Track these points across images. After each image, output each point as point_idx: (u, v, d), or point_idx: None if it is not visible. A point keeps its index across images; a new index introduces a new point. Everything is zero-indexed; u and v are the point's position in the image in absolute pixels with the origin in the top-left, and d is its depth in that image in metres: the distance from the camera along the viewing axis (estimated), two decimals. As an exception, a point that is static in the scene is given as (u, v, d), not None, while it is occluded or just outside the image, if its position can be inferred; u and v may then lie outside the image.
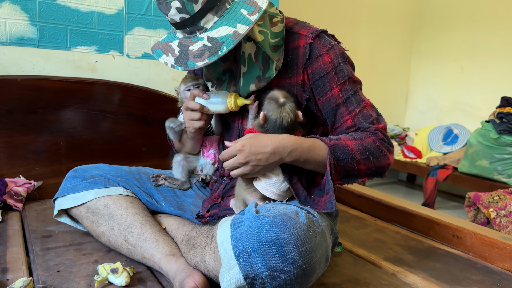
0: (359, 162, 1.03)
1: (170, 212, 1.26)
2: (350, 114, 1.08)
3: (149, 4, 1.94)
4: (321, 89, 1.09)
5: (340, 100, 1.08)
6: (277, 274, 0.83)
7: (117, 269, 1.01)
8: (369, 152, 1.04)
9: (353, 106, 1.09)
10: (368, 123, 1.08)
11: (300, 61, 1.10)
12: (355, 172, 1.05)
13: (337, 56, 1.09)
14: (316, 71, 1.08)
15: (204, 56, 0.97)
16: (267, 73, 1.09)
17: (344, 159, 1.02)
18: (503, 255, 1.29)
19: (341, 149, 1.02)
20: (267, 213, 0.90)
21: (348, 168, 1.03)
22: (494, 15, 3.42)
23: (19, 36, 1.70)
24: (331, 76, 1.08)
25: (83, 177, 1.26)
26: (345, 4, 3.51)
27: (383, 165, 1.07)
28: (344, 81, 1.09)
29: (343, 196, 1.92)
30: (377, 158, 1.05)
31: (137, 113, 1.89)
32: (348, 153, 1.02)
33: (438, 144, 3.53)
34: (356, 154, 1.03)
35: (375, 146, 1.05)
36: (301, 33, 1.11)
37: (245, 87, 1.12)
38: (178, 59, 1.01)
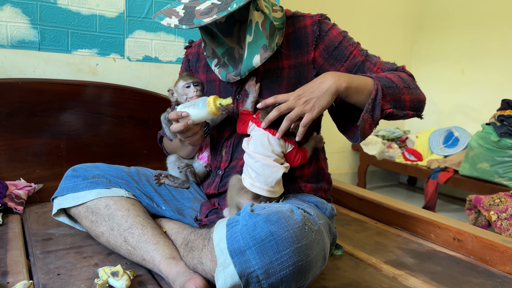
0: (402, 91, 1.10)
1: (170, 216, 1.26)
2: (376, 65, 1.17)
3: (150, 7, 1.94)
4: (342, 56, 1.15)
5: (362, 58, 1.16)
6: (272, 271, 0.83)
7: (117, 272, 1.01)
8: (407, 83, 1.12)
9: (374, 59, 1.18)
10: (392, 66, 1.18)
11: (310, 39, 1.15)
12: (401, 103, 1.10)
13: (340, 29, 1.19)
14: (329, 44, 1.15)
15: (212, 13, 0.96)
16: (272, 44, 1.10)
17: (390, 86, 1.07)
18: (504, 258, 1.29)
19: (384, 79, 1.08)
20: (261, 211, 0.90)
21: (396, 96, 1.09)
22: (495, 18, 3.42)
23: (20, 39, 1.71)
24: (345, 43, 1.16)
25: (84, 176, 1.25)
26: (345, 8, 3.52)
27: (422, 99, 1.16)
28: (357, 45, 1.18)
29: (344, 199, 1.92)
30: (415, 90, 1.14)
31: (138, 116, 1.89)
32: (391, 81, 1.08)
33: (438, 147, 3.52)
34: (398, 83, 1.09)
35: (410, 80, 1.14)
36: (306, 15, 1.18)
37: (248, 60, 1.10)
38: (183, 19, 0.99)
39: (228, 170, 1.21)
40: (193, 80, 1.24)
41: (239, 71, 1.12)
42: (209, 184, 1.26)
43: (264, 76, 1.16)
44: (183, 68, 1.41)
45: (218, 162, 1.24)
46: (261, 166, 1.03)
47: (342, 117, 1.20)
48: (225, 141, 1.23)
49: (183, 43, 2.06)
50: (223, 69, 1.18)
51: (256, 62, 1.10)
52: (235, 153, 1.21)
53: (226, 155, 1.22)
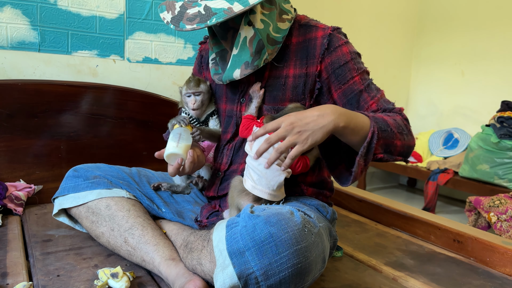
0: (395, 136, 1.04)
1: (170, 219, 1.26)
2: (373, 99, 1.12)
3: (150, 8, 1.94)
4: (342, 77, 1.11)
5: (362, 87, 1.12)
6: (271, 273, 0.83)
7: (117, 273, 1.01)
8: (401, 128, 1.07)
9: (374, 92, 1.13)
10: (390, 106, 1.13)
11: (318, 51, 1.12)
12: (392, 148, 1.05)
13: (353, 49, 1.15)
14: (336, 60, 1.11)
15: (194, 21, 0.99)
16: (256, 61, 1.09)
17: (385, 130, 1.02)
18: (504, 260, 1.29)
19: (381, 121, 1.03)
20: (261, 212, 0.90)
21: (389, 141, 1.04)
22: (495, 19, 3.42)
23: (20, 40, 1.71)
24: (351, 65, 1.12)
25: (85, 177, 1.25)
26: (345, 9, 3.52)
27: (411, 145, 1.10)
28: (363, 71, 1.14)
29: (343, 201, 1.92)
30: (406, 136, 1.08)
31: (138, 117, 1.89)
32: (387, 124, 1.03)
33: (438, 148, 3.52)
34: (393, 127, 1.04)
35: (404, 125, 1.09)
36: (319, 26, 1.15)
37: (230, 72, 1.11)
38: (174, 18, 1.03)
39: (228, 174, 1.21)
40: (195, 90, 1.23)
41: (221, 78, 1.15)
42: (209, 186, 1.26)
43: (268, 83, 1.16)
44: (196, 63, 1.42)
45: (218, 164, 1.24)
46: (264, 168, 1.03)
47: (332, 155, 1.11)
48: (227, 144, 1.23)
49: (183, 45, 2.06)
50: (214, 67, 1.21)
51: (236, 76, 1.10)
52: (235, 156, 1.21)
53: (226, 158, 1.22)
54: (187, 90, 1.24)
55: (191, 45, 2.07)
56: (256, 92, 1.14)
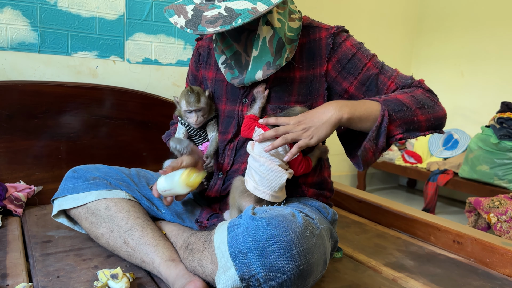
0: (415, 112, 1.03)
1: (169, 220, 1.26)
2: (390, 78, 1.11)
3: (150, 9, 1.95)
4: (355, 69, 1.11)
5: (376, 70, 1.11)
6: (273, 275, 0.83)
7: (117, 274, 1.01)
8: (422, 102, 1.05)
9: (389, 72, 1.13)
10: (408, 80, 1.11)
11: (324, 51, 1.12)
12: (415, 125, 1.04)
13: (355, 41, 1.15)
14: (342, 56, 1.12)
15: (217, 24, 0.94)
16: (278, 60, 1.09)
17: (400, 110, 1.02)
18: (504, 261, 1.29)
19: (394, 101, 1.03)
20: (263, 214, 0.90)
21: (408, 119, 1.03)
22: (494, 20, 3.43)
23: (20, 41, 1.71)
24: (359, 55, 1.12)
25: (85, 178, 1.25)
26: (344, 10, 3.53)
27: (441, 116, 1.08)
28: (373, 56, 1.14)
29: (343, 202, 1.92)
30: (432, 108, 1.06)
31: (138, 118, 1.89)
32: (402, 104, 1.03)
33: (438, 149, 3.52)
34: (410, 104, 1.03)
35: (427, 97, 1.07)
36: (322, 27, 1.15)
37: (252, 73, 1.10)
38: (189, 22, 0.98)
39: (230, 174, 1.21)
40: (195, 107, 1.18)
41: (243, 80, 1.12)
42: (211, 187, 1.26)
43: (274, 84, 1.15)
44: (193, 60, 1.36)
45: (220, 165, 1.24)
46: (266, 170, 1.03)
47: (350, 141, 1.16)
48: (228, 144, 1.22)
49: (183, 46, 2.06)
50: (229, 71, 1.17)
51: (258, 77, 1.10)
52: (237, 156, 1.21)
53: (228, 158, 1.22)
54: (188, 107, 1.18)
55: (191, 46, 2.08)
56: (261, 93, 1.13)
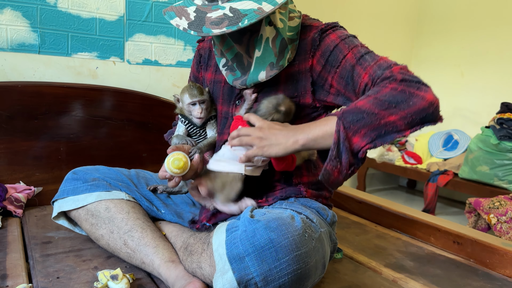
0: (380, 115, 0.91)
1: (169, 220, 1.25)
2: (366, 69, 1.00)
3: (149, 10, 1.95)
4: (335, 61, 1.05)
5: (354, 61, 1.02)
6: (271, 278, 0.83)
7: (117, 275, 1.01)
8: (389, 101, 0.91)
9: (367, 62, 1.01)
10: (383, 70, 0.98)
11: (309, 47, 1.09)
12: (387, 127, 0.91)
13: (343, 33, 1.08)
14: (325, 49, 1.06)
15: (222, 25, 0.93)
16: (281, 61, 1.08)
17: (359, 119, 0.91)
18: (504, 262, 1.29)
19: (352, 111, 0.93)
20: (262, 217, 0.89)
21: (373, 125, 0.91)
22: (494, 21, 3.43)
23: (20, 42, 1.71)
24: (341, 46, 1.05)
25: (84, 179, 1.25)
26: (344, 10, 3.53)
27: (421, 107, 0.90)
28: (355, 46, 1.05)
29: (343, 202, 1.92)
30: (405, 103, 0.91)
31: (138, 119, 1.90)
32: (360, 111, 0.92)
33: (438, 150, 3.52)
34: (371, 109, 0.91)
35: (397, 93, 0.91)
36: (313, 25, 1.12)
37: (254, 74, 1.09)
38: (192, 23, 0.96)
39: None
40: (199, 98, 1.20)
41: (245, 82, 1.11)
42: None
43: (264, 83, 1.14)
44: (195, 62, 1.37)
45: None
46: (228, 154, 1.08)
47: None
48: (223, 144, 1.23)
49: (183, 47, 2.06)
50: (231, 73, 1.17)
51: (261, 78, 1.09)
52: None
53: None
54: (192, 98, 1.20)
55: (191, 47, 2.08)
56: (249, 95, 1.14)
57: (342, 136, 0.91)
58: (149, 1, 1.94)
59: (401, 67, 0.98)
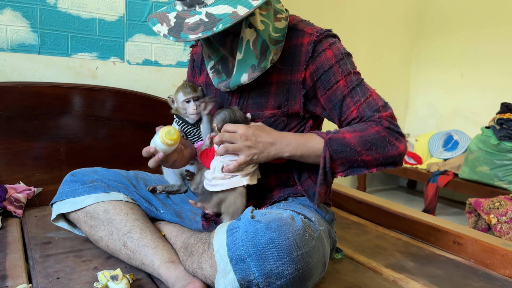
0: (360, 153, 1.02)
1: (169, 220, 1.25)
2: (356, 104, 1.06)
3: (149, 11, 1.95)
4: (327, 83, 1.07)
5: (345, 91, 1.07)
6: (272, 279, 0.83)
7: (117, 276, 1.01)
8: (371, 143, 1.01)
9: (358, 96, 1.07)
10: (372, 112, 1.05)
11: (303, 58, 1.09)
12: (360, 163, 1.03)
13: (339, 50, 1.09)
14: (320, 66, 1.07)
15: (198, 30, 0.94)
16: (262, 63, 1.07)
17: (343, 151, 1.02)
18: (504, 262, 1.29)
19: (339, 141, 1.02)
20: (262, 218, 0.89)
21: (350, 159, 1.02)
22: (494, 21, 3.43)
23: (20, 42, 1.71)
24: (335, 69, 1.07)
25: (82, 181, 1.25)
26: (344, 11, 3.53)
27: (392, 155, 1.03)
28: (349, 73, 1.08)
29: (343, 203, 1.92)
30: (382, 148, 1.02)
31: (138, 119, 1.89)
32: (346, 145, 1.01)
33: (438, 150, 3.52)
34: (355, 145, 1.01)
35: (380, 137, 1.02)
36: (306, 31, 1.10)
37: (237, 77, 1.09)
38: (172, 29, 0.99)
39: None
40: (193, 95, 1.22)
41: (228, 84, 1.12)
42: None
43: (252, 88, 1.14)
44: (189, 67, 1.40)
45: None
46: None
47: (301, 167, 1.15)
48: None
49: (183, 47, 2.06)
50: (216, 76, 1.17)
51: (244, 80, 1.08)
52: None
53: None
54: (186, 95, 1.22)
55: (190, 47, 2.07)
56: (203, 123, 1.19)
57: (328, 162, 1.02)
58: (149, 2, 1.94)
59: (389, 113, 1.06)
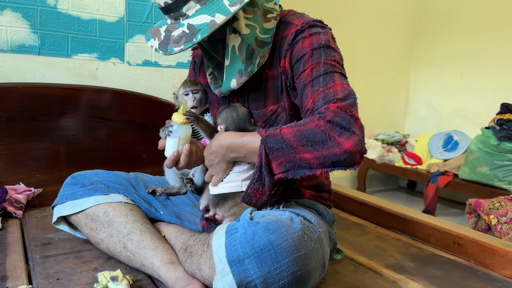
0: (297, 150, 0.91)
1: (168, 221, 1.25)
2: (313, 94, 0.98)
3: (149, 12, 1.95)
4: (296, 71, 1.05)
5: (307, 80, 1.00)
6: (270, 281, 0.82)
7: (117, 276, 1.01)
8: (307, 138, 0.90)
9: (318, 85, 0.98)
10: (324, 103, 0.94)
11: (285, 47, 1.07)
12: (301, 163, 0.92)
13: (319, 41, 1.04)
14: (295, 54, 1.05)
15: (181, 42, 0.98)
16: (249, 67, 1.07)
17: (279, 148, 0.92)
18: (504, 262, 1.29)
19: (275, 138, 0.93)
20: (261, 219, 0.89)
21: (289, 158, 0.92)
22: (494, 21, 3.43)
23: (20, 43, 1.71)
24: (306, 58, 1.03)
25: (82, 183, 1.25)
26: (344, 11, 3.53)
27: (334, 153, 0.89)
28: (319, 62, 1.01)
29: (343, 203, 1.92)
30: (321, 144, 0.90)
31: (138, 120, 1.89)
32: (282, 141, 0.92)
33: (438, 151, 3.52)
34: (292, 141, 0.91)
35: (319, 131, 0.90)
36: (294, 23, 1.09)
37: (227, 83, 1.11)
38: (161, 43, 1.03)
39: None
40: (193, 88, 1.25)
41: (221, 90, 1.15)
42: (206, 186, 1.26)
43: (251, 89, 1.15)
44: (190, 69, 1.43)
45: None
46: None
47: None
48: None
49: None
50: (213, 82, 1.21)
51: (233, 86, 1.10)
52: None
53: None
54: (185, 88, 1.27)
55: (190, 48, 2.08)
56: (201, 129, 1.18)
57: (264, 161, 0.94)
58: (149, 2, 1.94)
59: (340, 105, 0.92)
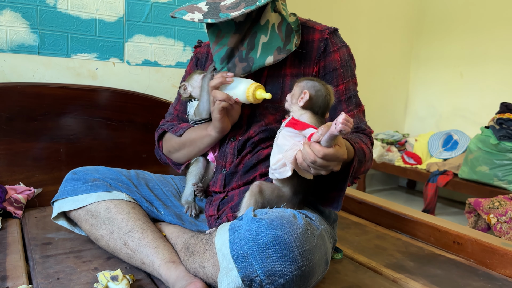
0: (365, 165, 1.10)
1: (169, 221, 1.25)
2: (349, 113, 1.15)
3: (149, 11, 1.95)
4: (329, 83, 1.09)
5: (343, 97, 1.15)
6: (275, 276, 0.83)
7: (117, 276, 1.01)
8: (368, 156, 1.10)
9: (352, 106, 1.16)
10: (364, 125, 1.16)
11: (314, 53, 1.16)
12: (357, 172, 1.09)
13: (345, 55, 1.18)
14: (328, 65, 1.16)
15: (240, 7, 0.99)
16: (288, 45, 1.12)
17: (361, 161, 1.06)
18: (504, 262, 1.29)
19: (362, 152, 1.06)
20: (264, 216, 0.90)
21: (357, 170, 1.07)
22: (494, 21, 3.43)
23: (20, 43, 1.71)
24: (339, 72, 1.15)
25: (84, 179, 1.25)
26: (344, 11, 3.53)
27: (368, 168, 1.15)
28: (349, 80, 1.16)
29: (343, 203, 1.91)
30: (369, 162, 1.12)
31: (137, 120, 1.89)
32: (364, 156, 1.07)
33: (438, 150, 3.53)
34: (368, 156, 1.10)
35: (370, 151, 1.13)
36: (316, 28, 1.19)
37: (262, 59, 1.12)
38: (207, 13, 1.02)
39: (232, 168, 1.20)
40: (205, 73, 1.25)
41: (249, 68, 1.11)
42: (214, 182, 1.25)
43: (267, 81, 1.18)
44: (191, 65, 1.42)
45: (223, 163, 1.23)
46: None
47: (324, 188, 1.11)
48: (229, 143, 1.22)
49: (183, 47, 2.06)
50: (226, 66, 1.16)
51: (268, 62, 1.12)
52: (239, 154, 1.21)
53: (230, 157, 1.21)
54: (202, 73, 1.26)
55: (190, 48, 2.08)
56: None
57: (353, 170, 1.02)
58: (148, 2, 1.94)
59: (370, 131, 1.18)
